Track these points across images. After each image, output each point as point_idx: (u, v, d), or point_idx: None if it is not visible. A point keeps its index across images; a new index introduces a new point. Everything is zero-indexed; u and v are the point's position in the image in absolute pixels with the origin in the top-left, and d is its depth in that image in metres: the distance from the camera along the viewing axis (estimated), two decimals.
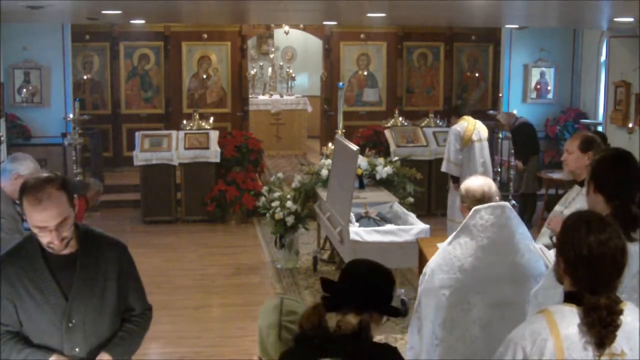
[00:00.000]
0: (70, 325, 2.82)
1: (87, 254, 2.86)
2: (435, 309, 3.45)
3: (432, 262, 3.54)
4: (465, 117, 8.56)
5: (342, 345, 2.48)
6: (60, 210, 2.71)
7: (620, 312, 2.26)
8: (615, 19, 8.40)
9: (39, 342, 2.85)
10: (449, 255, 3.47)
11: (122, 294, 2.94)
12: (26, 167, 4.43)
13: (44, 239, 2.75)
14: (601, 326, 2.23)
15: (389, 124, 10.96)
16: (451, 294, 3.41)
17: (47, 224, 2.70)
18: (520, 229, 3.51)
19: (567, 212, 3.73)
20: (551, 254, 3.43)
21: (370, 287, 2.57)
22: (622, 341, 2.26)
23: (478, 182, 3.60)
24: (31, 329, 2.85)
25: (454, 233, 3.52)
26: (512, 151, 10.24)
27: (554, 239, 2.71)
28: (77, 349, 2.85)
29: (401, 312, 2.70)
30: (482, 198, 3.51)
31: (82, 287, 2.83)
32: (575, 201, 4.21)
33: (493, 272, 3.42)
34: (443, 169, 8.63)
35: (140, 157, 9.95)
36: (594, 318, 2.24)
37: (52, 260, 2.82)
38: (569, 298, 2.35)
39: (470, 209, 3.48)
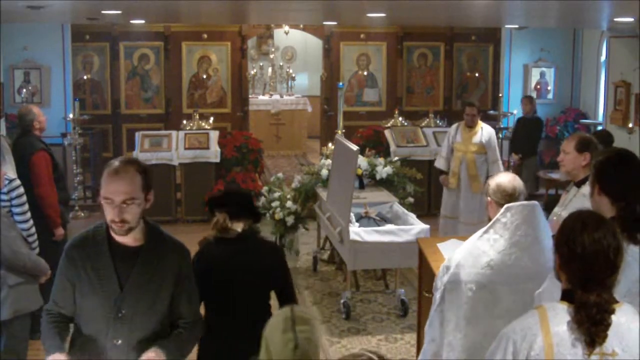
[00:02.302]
0: (119, 315, 2.87)
1: (151, 250, 2.92)
2: (460, 303, 3.50)
3: (458, 256, 3.57)
4: None
5: (244, 241, 3.73)
6: (130, 188, 2.80)
7: (612, 311, 2.27)
8: (615, 19, 8.40)
9: (87, 326, 2.91)
10: (477, 250, 3.51)
11: (175, 297, 2.97)
12: None
13: (108, 214, 2.82)
14: (590, 323, 2.25)
15: (389, 124, 10.97)
16: (478, 288, 3.46)
17: (114, 197, 2.78)
18: (546, 228, 3.55)
19: (565, 213, 3.75)
20: None
21: (249, 203, 3.88)
22: (614, 341, 2.27)
23: (508, 177, 3.66)
24: (82, 313, 2.92)
25: (484, 228, 3.56)
26: (512, 140, 10.31)
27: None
28: (119, 341, 2.88)
29: (262, 215, 3.94)
30: (514, 193, 3.57)
31: (139, 280, 2.88)
32: (573, 202, 4.23)
33: (520, 269, 3.47)
34: (502, 169, 8.20)
35: (140, 157, 9.92)
36: (583, 315, 2.25)
37: (117, 249, 2.89)
38: (564, 296, 2.37)
39: (499, 204, 3.55)
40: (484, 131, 8.17)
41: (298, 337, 2.64)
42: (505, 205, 3.50)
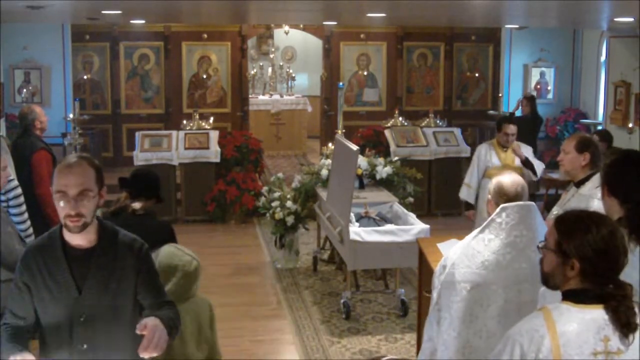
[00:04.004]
0: (81, 319, 2.82)
1: (105, 249, 2.87)
2: (454, 302, 3.49)
3: (454, 255, 3.55)
4: None
5: (141, 219, 4.14)
6: (84, 180, 2.76)
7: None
8: (615, 19, 8.41)
9: (50, 334, 2.86)
10: (472, 250, 3.49)
11: (141, 292, 2.91)
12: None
13: (63, 210, 2.76)
14: (631, 315, 2.27)
15: (389, 124, 10.96)
16: (472, 288, 3.45)
17: (68, 190, 2.73)
18: (543, 229, 3.53)
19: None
20: None
21: (152, 184, 4.30)
22: (618, 339, 2.29)
23: (511, 179, 3.59)
24: (44, 321, 2.87)
25: (479, 228, 3.54)
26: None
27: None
28: (85, 345, 2.83)
29: (163, 198, 4.45)
30: (515, 197, 3.53)
31: (96, 281, 2.83)
32: (571, 202, 4.23)
33: (515, 270, 3.45)
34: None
35: (140, 157, 9.95)
36: (624, 309, 2.27)
37: (72, 253, 2.84)
38: (568, 296, 2.38)
39: (497, 205, 3.50)
40: (523, 150, 7.10)
41: (195, 257, 3.66)
42: (501, 206, 3.48)
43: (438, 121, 11.12)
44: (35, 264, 2.84)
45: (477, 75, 13.54)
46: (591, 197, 4.15)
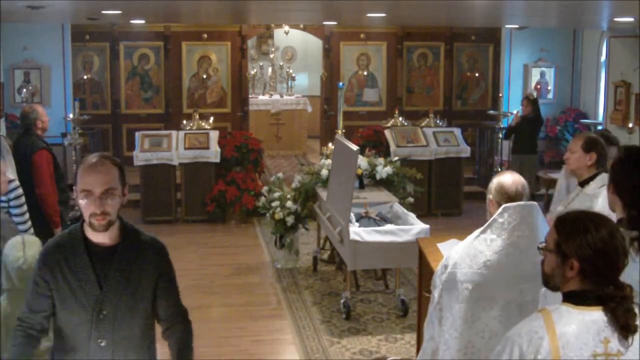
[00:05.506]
0: (101, 316, 2.84)
1: (127, 247, 2.90)
2: (456, 302, 3.48)
3: (455, 255, 3.55)
4: None
5: None
6: (109, 178, 2.79)
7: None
8: (615, 19, 8.41)
9: (69, 329, 2.89)
10: (474, 250, 3.49)
11: (159, 297, 2.95)
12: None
13: (88, 209, 2.79)
14: (628, 317, 2.27)
15: (389, 124, 10.95)
16: (474, 288, 3.44)
17: (94, 189, 2.76)
18: (545, 229, 3.52)
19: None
20: None
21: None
22: (618, 341, 2.29)
23: (513, 178, 3.57)
24: (63, 316, 2.89)
25: (481, 228, 3.54)
26: (511, 139, 10.26)
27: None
28: (104, 342, 2.86)
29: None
30: (515, 197, 3.52)
31: (117, 279, 2.86)
32: (575, 201, 4.23)
33: (517, 270, 3.44)
34: None
35: (140, 157, 9.94)
36: (626, 308, 2.27)
37: (93, 249, 2.87)
38: (568, 298, 2.37)
39: (499, 204, 3.51)
40: None
41: (27, 257, 3.71)
42: (503, 205, 3.47)
43: (438, 121, 11.11)
44: (55, 261, 2.87)
45: (477, 75, 13.54)
46: (595, 197, 4.15)
